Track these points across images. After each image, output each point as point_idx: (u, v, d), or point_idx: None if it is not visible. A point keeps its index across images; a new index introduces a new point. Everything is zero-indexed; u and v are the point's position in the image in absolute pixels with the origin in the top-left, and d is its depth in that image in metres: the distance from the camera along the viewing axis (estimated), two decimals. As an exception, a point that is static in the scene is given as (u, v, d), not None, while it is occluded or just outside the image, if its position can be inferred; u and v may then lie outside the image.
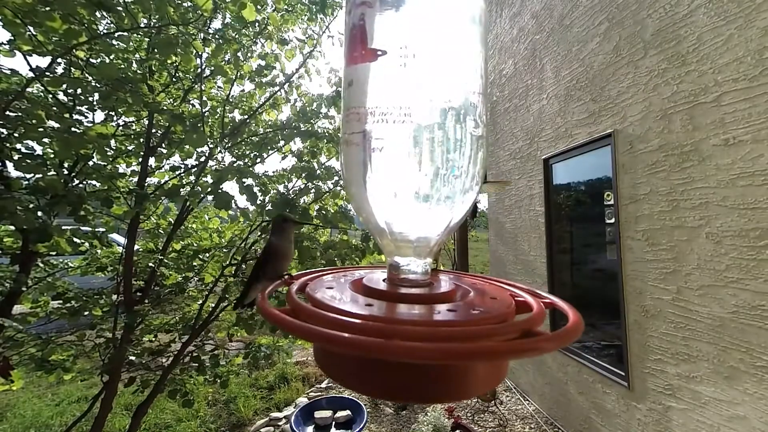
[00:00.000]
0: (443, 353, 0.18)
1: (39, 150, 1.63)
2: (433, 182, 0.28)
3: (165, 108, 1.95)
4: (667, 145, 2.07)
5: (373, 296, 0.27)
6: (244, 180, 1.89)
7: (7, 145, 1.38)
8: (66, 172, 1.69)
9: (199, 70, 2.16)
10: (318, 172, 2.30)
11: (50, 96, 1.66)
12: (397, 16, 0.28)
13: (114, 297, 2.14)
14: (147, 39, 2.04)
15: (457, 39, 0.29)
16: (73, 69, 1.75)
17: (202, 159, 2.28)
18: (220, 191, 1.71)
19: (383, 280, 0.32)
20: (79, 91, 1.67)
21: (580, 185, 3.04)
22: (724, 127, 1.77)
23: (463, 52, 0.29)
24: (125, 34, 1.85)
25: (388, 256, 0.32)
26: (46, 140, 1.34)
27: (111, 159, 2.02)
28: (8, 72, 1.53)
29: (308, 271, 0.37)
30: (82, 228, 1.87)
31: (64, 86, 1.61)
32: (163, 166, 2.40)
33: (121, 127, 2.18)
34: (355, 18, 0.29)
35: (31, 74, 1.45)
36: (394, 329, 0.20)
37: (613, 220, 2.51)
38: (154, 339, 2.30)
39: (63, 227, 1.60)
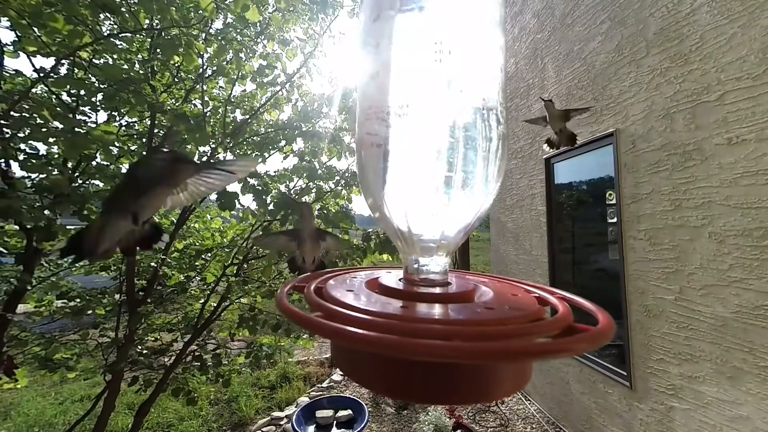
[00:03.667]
0: (509, 353, 0.17)
1: (43, 150, 1.63)
2: (457, 182, 0.28)
3: (167, 108, 1.95)
4: (670, 144, 2.07)
5: (402, 298, 0.27)
6: (248, 179, 1.89)
7: (12, 145, 1.38)
8: (69, 171, 1.69)
9: (201, 70, 2.15)
10: (319, 171, 2.30)
11: (54, 97, 1.67)
12: (429, 15, 0.28)
13: (117, 296, 2.15)
14: (149, 40, 2.04)
15: (487, 35, 0.29)
16: (76, 70, 1.76)
17: (204, 159, 2.28)
18: (226, 192, 1.71)
19: (399, 280, 0.31)
20: (82, 91, 1.68)
21: (581, 185, 3.04)
22: (727, 126, 1.76)
23: (492, 48, 0.30)
24: (128, 35, 1.85)
25: (406, 256, 0.31)
26: (51, 140, 1.34)
27: (114, 159, 2.03)
28: (13, 73, 1.53)
29: (319, 272, 0.36)
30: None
31: (68, 87, 1.61)
32: (166, 166, 2.40)
33: (123, 128, 2.18)
34: (382, 20, 0.29)
35: (35, 75, 1.46)
36: (454, 330, 0.20)
37: (615, 220, 2.51)
38: (156, 338, 2.30)
39: (67, 227, 1.61)
